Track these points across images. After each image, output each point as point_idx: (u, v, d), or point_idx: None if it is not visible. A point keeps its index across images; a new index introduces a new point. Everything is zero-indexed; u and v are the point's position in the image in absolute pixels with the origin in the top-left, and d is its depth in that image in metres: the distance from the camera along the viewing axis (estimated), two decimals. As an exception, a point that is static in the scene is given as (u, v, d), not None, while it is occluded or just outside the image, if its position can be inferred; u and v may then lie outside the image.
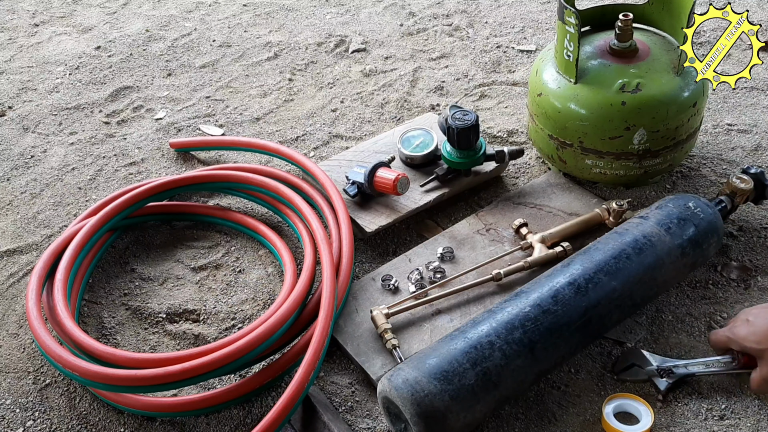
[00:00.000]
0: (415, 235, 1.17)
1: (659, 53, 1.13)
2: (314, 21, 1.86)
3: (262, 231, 1.16)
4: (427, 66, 1.62)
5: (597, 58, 1.13)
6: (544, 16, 1.77)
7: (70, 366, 0.90)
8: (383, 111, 1.47)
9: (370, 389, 0.94)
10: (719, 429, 0.86)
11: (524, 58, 1.61)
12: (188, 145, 1.39)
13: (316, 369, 0.88)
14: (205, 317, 1.06)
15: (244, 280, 1.12)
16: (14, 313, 1.09)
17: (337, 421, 0.88)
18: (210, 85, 1.61)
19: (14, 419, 0.94)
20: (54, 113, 1.56)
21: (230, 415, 0.92)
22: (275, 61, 1.69)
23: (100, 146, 1.44)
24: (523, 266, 1.03)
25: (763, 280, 1.03)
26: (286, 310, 0.94)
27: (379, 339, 0.97)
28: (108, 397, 0.93)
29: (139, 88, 1.63)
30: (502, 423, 0.89)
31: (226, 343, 0.90)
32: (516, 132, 1.36)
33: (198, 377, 0.88)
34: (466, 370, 0.81)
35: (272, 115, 1.50)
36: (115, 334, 1.05)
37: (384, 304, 1.01)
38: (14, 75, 1.71)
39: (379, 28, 1.79)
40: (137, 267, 1.15)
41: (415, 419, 0.79)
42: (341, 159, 1.28)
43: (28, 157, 1.43)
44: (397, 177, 1.13)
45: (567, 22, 1.06)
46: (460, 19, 1.79)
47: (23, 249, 1.21)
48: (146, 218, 1.21)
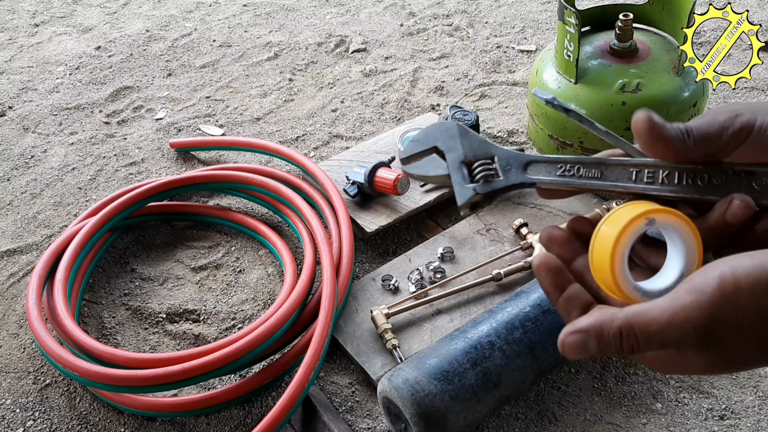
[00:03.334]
0: (415, 235, 1.17)
1: (659, 53, 1.13)
2: (314, 21, 1.86)
3: (262, 231, 1.16)
4: (428, 66, 1.62)
5: (597, 58, 1.13)
6: (545, 16, 1.77)
7: (71, 366, 0.90)
8: (383, 111, 1.48)
9: (370, 389, 0.94)
10: (719, 429, 0.86)
11: (524, 58, 1.61)
12: (188, 145, 1.39)
13: (316, 369, 0.88)
14: (205, 317, 1.06)
15: (244, 280, 1.12)
16: (14, 313, 1.09)
17: (337, 421, 0.88)
18: (210, 85, 1.62)
19: (14, 419, 0.94)
20: (54, 113, 1.56)
21: (230, 415, 0.92)
22: (275, 61, 1.69)
23: (100, 146, 1.44)
24: (523, 266, 1.03)
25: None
26: (286, 310, 0.94)
27: (379, 339, 0.97)
28: (108, 397, 0.93)
29: (139, 88, 1.63)
30: (502, 423, 0.89)
31: (226, 343, 0.91)
32: (516, 132, 1.36)
33: (198, 377, 0.88)
34: (467, 370, 0.81)
35: (272, 115, 1.50)
36: (116, 334, 1.05)
37: (384, 304, 1.01)
38: (14, 75, 1.71)
39: (380, 28, 1.79)
40: (137, 267, 1.15)
41: (415, 419, 0.79)
42: (341, 159, 1.28)
43: (28, 157, 1.43)
44: (397, 177, 1.13)
45: (567, 22, 1.06)
46: (460, 19, 1.79)
47: (23, 249, 1.21)
48: (146, 218, 1.21)
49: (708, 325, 0.36)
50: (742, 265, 0.36)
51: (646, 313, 0.37)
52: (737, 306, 0.35)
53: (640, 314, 0.37)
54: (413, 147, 0.50)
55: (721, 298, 0.35)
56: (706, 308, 0.36)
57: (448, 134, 0.49)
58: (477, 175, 0.47)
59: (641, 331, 0.37)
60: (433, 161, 0.49)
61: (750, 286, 0.35)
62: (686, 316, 0.36)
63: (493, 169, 0.47)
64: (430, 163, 0.49)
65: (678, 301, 0.36)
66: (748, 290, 0.35)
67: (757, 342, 0.36)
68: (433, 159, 0.49)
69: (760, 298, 0.35)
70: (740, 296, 0.35)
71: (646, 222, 0.40)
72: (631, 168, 0.45)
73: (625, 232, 0.40)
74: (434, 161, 0.49)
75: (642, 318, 0.37)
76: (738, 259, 0.37)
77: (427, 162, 0.49)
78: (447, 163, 0.48)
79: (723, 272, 0.36)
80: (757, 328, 0.36)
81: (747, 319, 0.35)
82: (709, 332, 0.36)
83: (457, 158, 0.48)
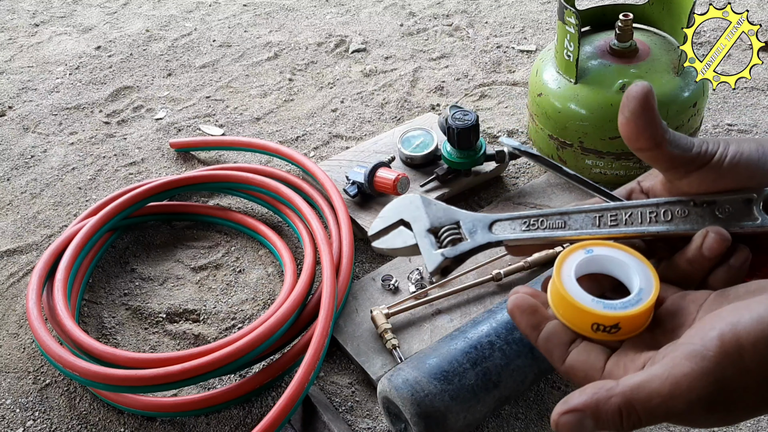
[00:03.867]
0: (415, 235, 1.17)
1: (659, 53, 1.13)
2: (314, 21, 1.86)
3: (262, 231, 1.16)
4: (427, 66, 1.62)
5: (597, 58, 1.13)
6: (545, 16, 1.77)
7: (70, 366, 0.90)
8: (383, 111, 1.47)
9: (370, 389, 0.94)
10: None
11: (524, 58, 1.61)
12: (188, 145, 1.39)
13: (316, 369, 0.88)
14: (205, 317, 1.06)
15: (244, 280, 1.12)
16: (14, 313, 1.09)
17: (337, 421, 0.88)
18: (210, 85, 1.61)
19: (14, 419, 0.94)
20: (54, 113, 1.56)
21: (230, 415, 0.92)
22: (275, 61, 1.69)
23: (100, 146, 1.44)
24: (523, 266, 1.03)
25: (763, 280, 1.03)
26: (286, 310, 0.94)
27: (379, 339, 0.97)
28: (108, 397, 0.93)
29: (139, 88, 1.63)
30: (502, 423, 0.89)
31: (226, 343, 0.90)
32: (516, 132, 1.36)
33: (198, 377, 0.88)
34: (467, 370, 0.81)
35: (272, 115, 1.50)
36: (115, 334, 1.05)
37: (384, 304, 1.01)
38: (14, 75, 1.71)
39: (379, 28, 1.79)
40: (137, 267, 1.15)
41: (415, 419, 0.79)
42: (341, 159, 1.28)
43: (28, 157, 1.43)
44: (397, 177, 1.13)
45: (567, 22, 1.06)
46: (460, 19, 1.79)
47: (23, 249, 1.21)
48: (146, 218, 1.21)
49: (713, 391, 0.34)
50: (742, 321, 0.34)
51: (646, 386, 0.35)
52: (742, 368, 0.34)
53: (639, 388, 0.35)
54: (380, 223, 0.51)
55: (724, 362, 0.34)
56: (710, 375, 0.34)
57: (412, 206, 0.50)
58: (444, 240, 0.48)
59: (642, 407, 0.35)
60: (400, 234, 0.50)
61: (753, 344, 0.33)
62: (690, 385, 0.34)
63: (459, 234, 0.48)
64: (398, 236, 0.50)
65: (678, 368, 0.34)
66: (751, 349, 0.33)
67: (764, 397, 0.35)
68: (401, 232, 0.50)
69: (764, 356, 0.33)
70: (744, 357, 0.33)
71: (584, 250, 0.43)
72: (593, 214, 0.46)
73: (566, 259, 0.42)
74: (402, 234, 0.50)
75: (642, 393, 0.35)
76: (736, 313, 0.35)
77: (394, 235, 0.50)
78: (414, 233, 0.49)
79: (723, 332, 0.34)
80: (763, 385, 0.34)
81: (753, 378, 0.34)
82: (714, 398, 0.34)
83: (423, 227, 0.49)
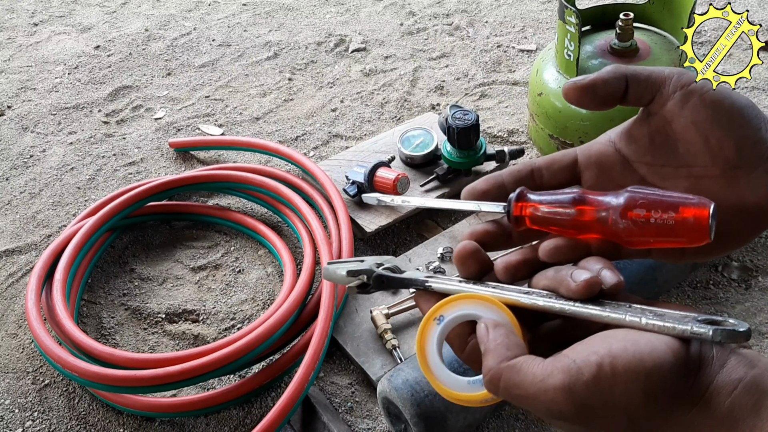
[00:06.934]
0: (415, 235, 1.17)
1: (660, 53, 1.13)
2: (314, 20, 1.85)
3: (261, 231, 1.15)
4: (427, 65, 1.62)
5: (597, 58, 1.13)
6: (545, 16, 1.77)
7: (69, 366, 0.90)
8: (383, 111, 1.47)
9: (370, 389, 0.94)
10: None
11: (524, 57, 1.61)
12: (188, 145, 1.38)
13: (316, 369, 0.88)
14: (204, 317, 1.06)
15: (244, 280, 1.11)
16: (13, 313, 1.09)
17: (337, 421, 0.88)
18: (209, 85, 1.61)
19: (13, 419, 0.94)
20: (53, 113, 1.56)
21: (230, 416, 0.92)
22: (275, 61, 1.69)
23: (99, 146, 1.44)
24: (523, 266, 1.03)
25: (764, 280, 1.03)
26: (286, 310, 0.94)
27: (379, 339, 0.97)
28: (107, 398, 0.93)
29: (138, 87, 1.62)
30: (502, 423, 0.89)
31: (225, 344, 0.90)
32: (516, 132, 1.36)
33: (198, 377, 0.87)
34: (467, 371, 0.81)
35: (272, 114, 1.50)
36: (114, 334, 1.05)
37: (384, 304, 1.01)
38: (13, 74, 1.71)
39: (379, 27, 1.79)
40: (136, 267, 1.15)
41: (415, 419, 0.79)
42: (341, 159, 1.28)
43: (27, 156, 1.43)
44: (397, 177, 1.13)
45: (567, 21, 1.06)
46: (460, 18, 1.79)
47: (22, 249, 1.21)
48: (145, 218, 1.21)
49: (574, 410, 0.35)
50: (623, 356, 0.35)
51: (520, 374, 0.37)
52: (609, 399, 0.35)
53: (512, 370, 0.37)
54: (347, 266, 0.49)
55: (594, 388, 0.35)
56: (576, 397, 0.35)
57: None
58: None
59: (505, 385, 0.37)
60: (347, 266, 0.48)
61: (625, 382, 0.34)
62: (554, 398, 0.35)
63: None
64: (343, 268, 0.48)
65: (551, 379, 0.35)
66: (623, 386, 0.35)
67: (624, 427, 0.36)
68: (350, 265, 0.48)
69: (634, 394, 0.34)
70: (614, 391, 0.35)
71: (437, 322, 0.42)
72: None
73: (425, 335, 0.42)
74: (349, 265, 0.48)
75: (513, 376, 0.37)
76: (622, 343, 0.36)
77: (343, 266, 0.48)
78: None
79: (602, 361, 0.35)
80: (624, 418, 0.35)
81: (618, 410, 0.35)
82: (573, 416, 0.36)
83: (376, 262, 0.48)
